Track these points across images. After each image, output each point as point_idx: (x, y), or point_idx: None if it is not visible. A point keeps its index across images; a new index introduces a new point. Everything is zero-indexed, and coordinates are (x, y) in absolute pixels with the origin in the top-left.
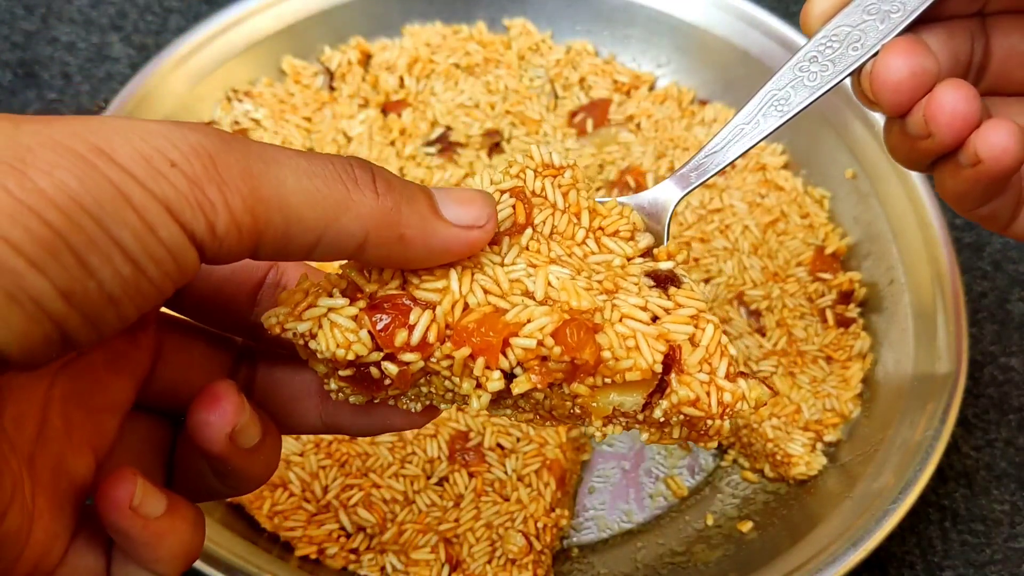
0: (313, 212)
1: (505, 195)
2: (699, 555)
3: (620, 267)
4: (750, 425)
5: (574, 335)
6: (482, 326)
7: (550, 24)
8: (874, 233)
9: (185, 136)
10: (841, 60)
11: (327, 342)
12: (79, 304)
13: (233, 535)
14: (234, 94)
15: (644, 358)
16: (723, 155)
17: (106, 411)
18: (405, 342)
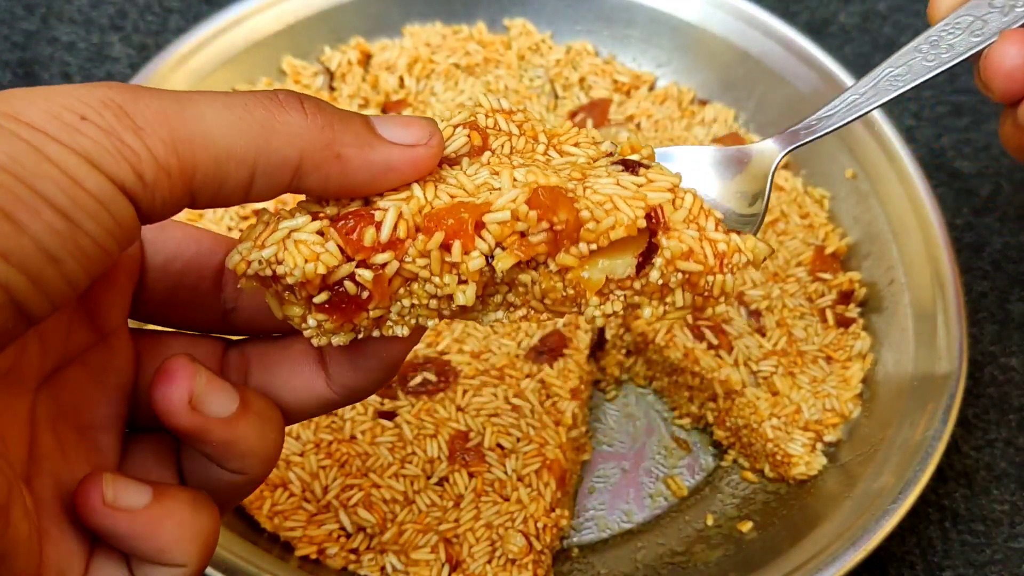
0: (240, 140)
1: (459, 128)
2: (699, 555)
3: (586, 164)
4: (750, 425)
5: (547, 196)
6: (452, 210)
7: (550, 24)
8: (874, 233)
9: (92, 92)
10: (961, 45)
11: (294, 259)
12: (18, 262)
13: (233, 535)
14: None
15: (625, 213)
16: (834, 120)
17: (98, 427)
18: (375, 241)
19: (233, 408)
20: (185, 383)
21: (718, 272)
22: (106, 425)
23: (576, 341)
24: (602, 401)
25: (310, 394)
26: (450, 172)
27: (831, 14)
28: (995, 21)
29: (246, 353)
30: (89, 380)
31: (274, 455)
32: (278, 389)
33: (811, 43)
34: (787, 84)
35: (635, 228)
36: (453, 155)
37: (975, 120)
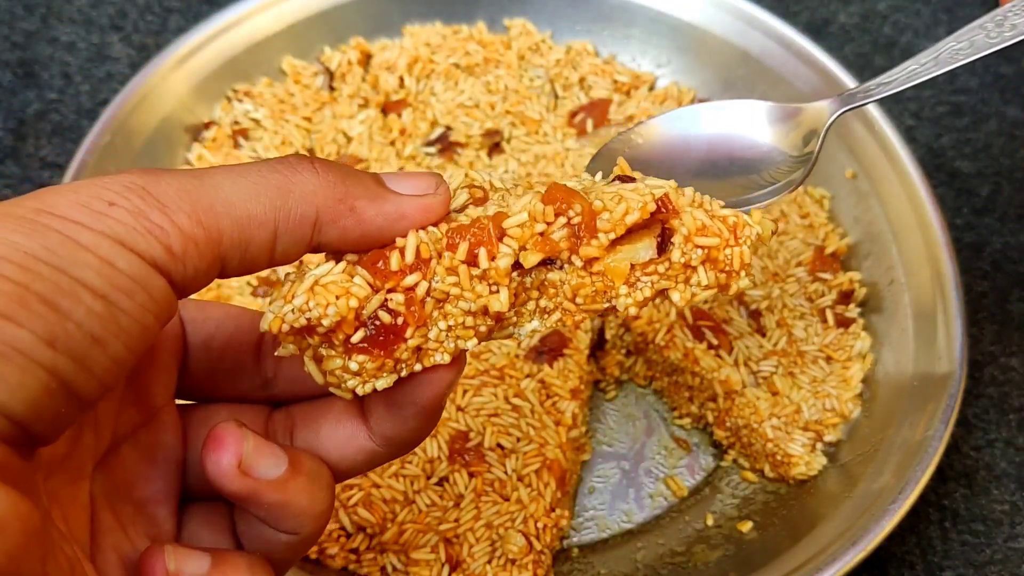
0: (259, 204)
1: (458, 189)
2: (699, 555)
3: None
4: (750, 425)
5: (560, 192)
6: (472, 224)
7: (550, 24)
8: (874, 233)
9: (116, 179)
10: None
11: (325, 299)
12: (65, 347)
13: None
14: (234, 94)
15: (635, 199)
16: (892, 86)
17: (153, 501)
18: (401, 264)
19: (282, 470)
20: (234, 447)
21: (734, 244)
22: (161, 499)
23: (576, 341)
24: (602, 401)
25: (354, 449)
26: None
27: (831, 14)
28: None
29: (291, 414)
30: (141, 457)
31: (327, 513)
32: (323, 446)
33: (811, 43)
34: (787, 84)
35: (647, 211)
36: (459, 207)
37: (975, 120)
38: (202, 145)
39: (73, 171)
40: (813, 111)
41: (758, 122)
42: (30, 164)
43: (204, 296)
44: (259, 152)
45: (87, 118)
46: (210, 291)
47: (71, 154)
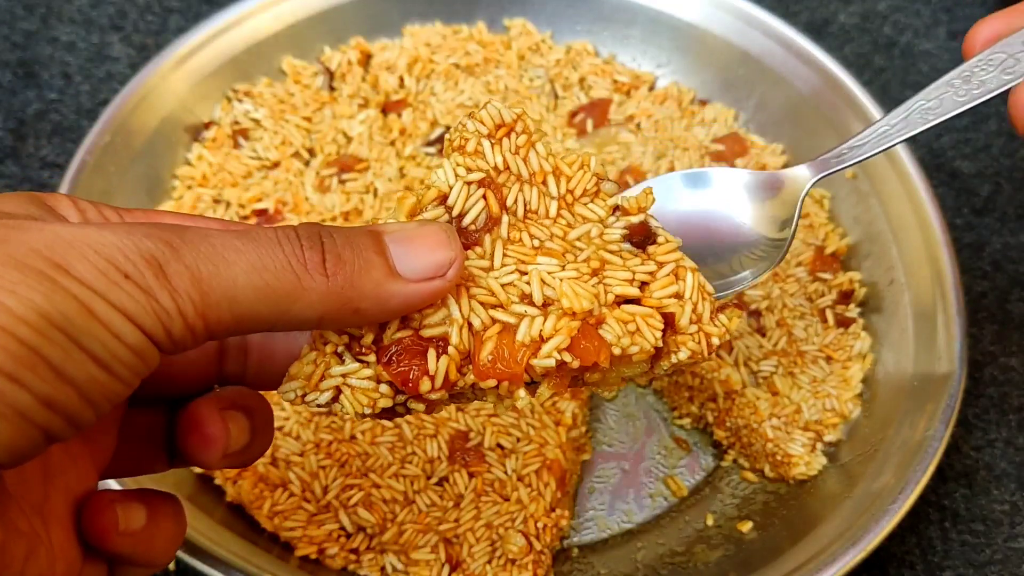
0: (265, 308)
1: (473, 187)
2: (699, 555)
3: (599, 236)
4: (750, 425)
5: (589, 344)
6: (500, 355)
7: (550, 24)
8: (874, 233)
9: (136, 245)
10: (992, 82)
11: (353, 406)
12: (60, 409)
13: (233, 535)
14: (234, 94)
15: (647, 340)
16: (864, 150)
17: (102, 431)
18: (430, 388)
19: (246, 440)
20: (220, 444)
21: (707, 358)
22: (108, 428)
23: None
24: (602, 401)
25: None
26: (476, 264)
27: (831, 14)
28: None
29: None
30: None
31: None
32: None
33: (811, 43)
34: (787, 84)
35: (653, 351)
36: (472, 227)
37: (975, 120)
38: (202, 145)
39: (73, 171)
40: (790, 180)
41: (736, 196)
42: (30, 164)
43: None
44: (259, 152)
45: (87, 118)
46: None
47: (71, 154)
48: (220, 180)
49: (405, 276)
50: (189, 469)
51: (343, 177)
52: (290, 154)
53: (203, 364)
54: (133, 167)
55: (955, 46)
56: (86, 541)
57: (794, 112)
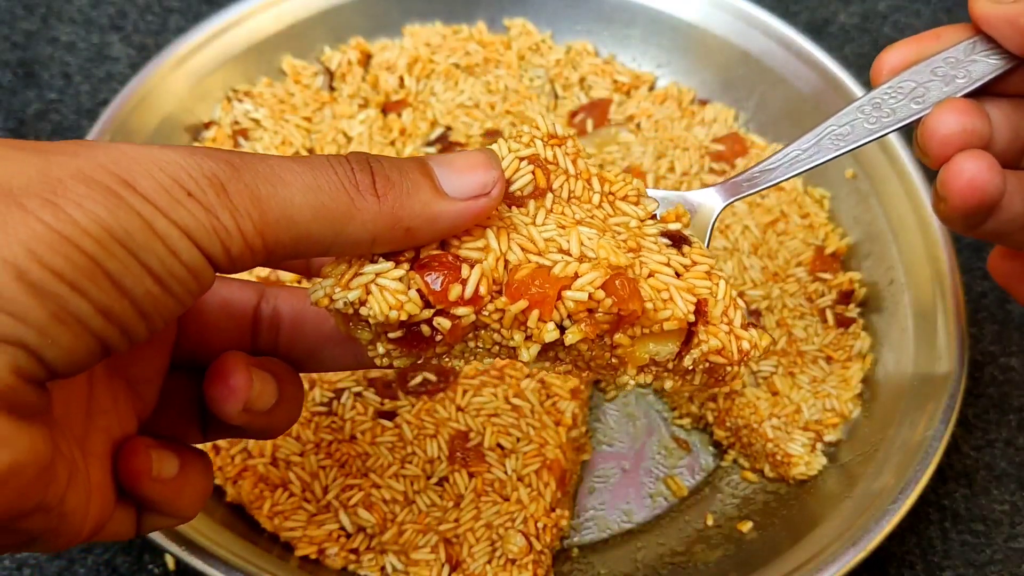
0: (321, 228)
1: (524, 162)
2: (699, 555)
3: (637, 228)
4: (750, 425)
5: (624, 287)
6: (535, 280)
7: (550, 24)
8: (874, 233)
9: (199, 164)
10: (902, 110)
11: (379, 306)
12: (116, 320)
13: (233, 535)
14: (234, 94)
15: (679, 308)
16: (775, 174)
17: (146, 381)
18: (459, 296)
19: (273, 401)
20: (243, 395)
21: (737, 365)
22: (153, 377)
23: None
24: (602, 401)
25: (337, 364)
26: (519, 218)
27: (831, 14)
28: (936, 90)
29: (279, 312)
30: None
31: (291, 425)
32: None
33: (811, 43)
34: (787, 84)
35: (685, 322)
36: (519, 193)
37: None
38: (202, 145)
39: None
40: (700, 204)
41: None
42: None
43: None
44: (259, 152)
45: (87, 118)
46: None
47: None
48: None
49: (452, 195)
50: None
51: None
52: (290, 154)
53: (237, 335)
54: None
55: None
56: (120, 485)
57: (794, 112)
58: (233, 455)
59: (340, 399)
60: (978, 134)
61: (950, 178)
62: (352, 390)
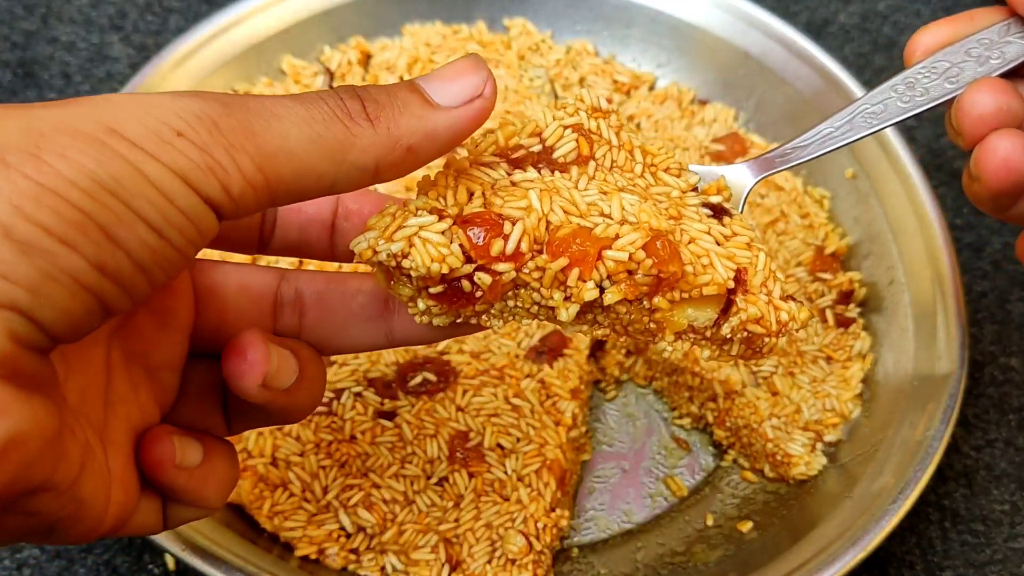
0: (321, 160)
1: (568, 130)
2: (699, 555)
3: (678, 198)
4: (750, 425)
5: (665, 249)
6: (576, 238)
7: (550, 24)
8: (874, 233)
9: (188, 105)
10: (936, 90)
11: (421, 258)
12: (113, 275)
13: (233, 535)
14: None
15: (719, 273)
16: (808, 151)
17: (165, 367)
18: (501, 251)
19: (293, 378)
20: (260, 369)
21: (775, 336)
22: (172, 364)
23: (576, 341)
24: (602, 401)
25: (364, 344)
26: (561, 182)
27: (831, 14)
28: (970, 70)
29: (301, 293)
30: (157, 324)
31: (314, 408)
32: (333, 335)
33: (811, 43)
34: (787, 84)
35: (725, 288)
36: (562, 159)
37: None
38: None
39: None
40: (733, 178)
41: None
42: None
43: None
44: None
45: None
46: None
47: None
48: None
49: (444, 105)
50: None
51: None
52: None
53: (257, 318)
54: None
55: None
56: (144, 476)
57: (794, 112)
58: None
59: (340, 399)
60: (1013, 114)
61: (984, 157)
62: (352, 390)
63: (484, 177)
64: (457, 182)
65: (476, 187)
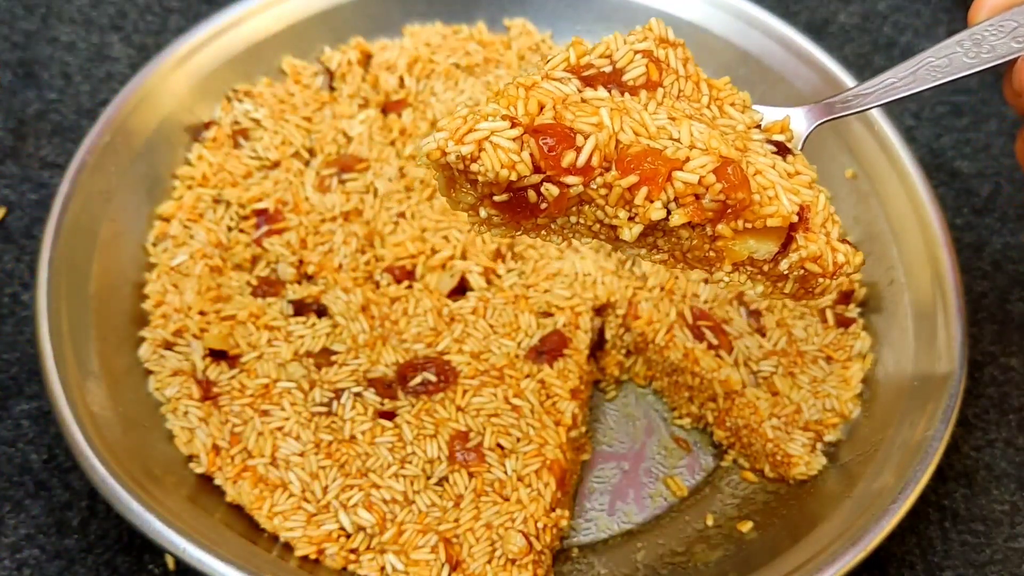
0: None
1: (638, 55)
2: (699, 555)
3: (744, 131)
4: (750, 425)
5: (736, 174)
6: (647, 157)
7: (550, 24)
8: (874, 233)
9: None
10: (1002, 48)
11: (491, 162)
12: None
13: (233, 535)
14: (234, 94)
15: (785, 206)
16: (870, 99)
17: None
18: (571, 163)
19: None
20: None
21: (830, 277)
22: None
23: (576, 341)
24: (602, 401)
25: None
26: (631, 103)
27: (831, 14)
28: None
29: None
30: None
31: None
32: None
33: (811, 43)
34: (787, 84)
35: (789, 221)
36: (632, 82)
37: (975, 120)
38: (202, 145)
39: (73, 171)
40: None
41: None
42: (30, 164)
43: (205, 296)
44: (259, 152)
45: (87, 118)
46: (211, 291)
47: (71, 154)
48: (220, 180)
49: None
50: (189, 469)
51: (343, 177)
52: (290, 154)
53: None
54: (133, 167)
55: None
56: None
57: None
58: (233, 455)
59: (340, 399)
60: None
61: None
62: (352, 390)
63: (555, 91)
64: (528, 93)
65: (547, 99)
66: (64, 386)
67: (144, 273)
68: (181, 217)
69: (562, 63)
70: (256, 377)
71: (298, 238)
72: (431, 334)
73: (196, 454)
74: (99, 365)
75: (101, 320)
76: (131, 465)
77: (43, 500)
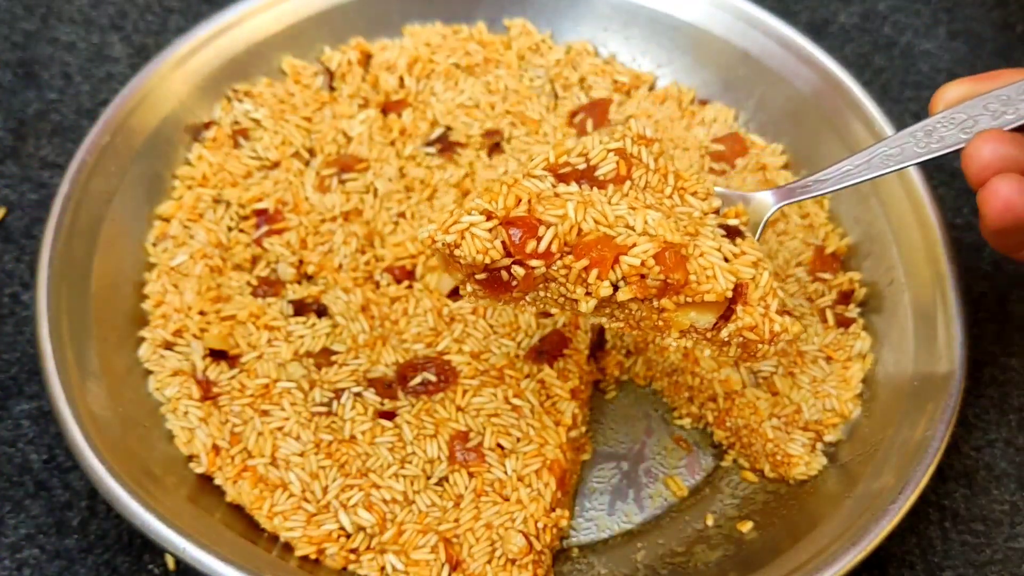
0: None
1: (611, 153)
2: (699, 555)
3: (699, 218)
4: (750, 425)
5: (671, 258)
6: (598, 244)
7: (550, 24)
8: (874, 233)
9: None
10: (950, 138)
11: (469, 248)
12: None
13: (233, 535)
14: (234, 94)
15: (720, 284)
16: (827, 184)
17: None
18: (534, 250)
19: None
20: None
21: (768, 344)
22: None
23: (576, 341)
24: (602, 401)
25: None
26: (598, 197)
27: (831, 14)
28: (984, 123)
29: None
30: None
31: None
32: None
33: (811, 43)
34: (787, 84)
35: (723, 297)
36: (602, 177)
37: None
38: (202, 145)
39: (73, 171)
40: (755, 204)
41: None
42: (30, 164)
43: (205, 296)
44: (259, 152)
45: (87, 118)
46: (211, 291)
47: (71, 154)
48: (220, 180)
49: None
50: (189, 469)
51: (343, 177)
52: (290, 154)
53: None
54: (133, 167)
55: (955, 46)
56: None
57: (794, 112)
58: (233, 455)
59: (340, 399)
60: (1014, 160)
61: (986, 197)
62: (352, 390)
63: (532, 188)
64: (509, 190)
65: (524, 195)
66: (64, 386)
67: (144, 273)
68: (181, 217)
69: (542, 163)
70: (256, 377)
71: (298, 238)
72: (431, 334)
73: (196, 454)
74: (99, 365)
75: (101, 320)
76: (131, 465)
77: (43, 500)
